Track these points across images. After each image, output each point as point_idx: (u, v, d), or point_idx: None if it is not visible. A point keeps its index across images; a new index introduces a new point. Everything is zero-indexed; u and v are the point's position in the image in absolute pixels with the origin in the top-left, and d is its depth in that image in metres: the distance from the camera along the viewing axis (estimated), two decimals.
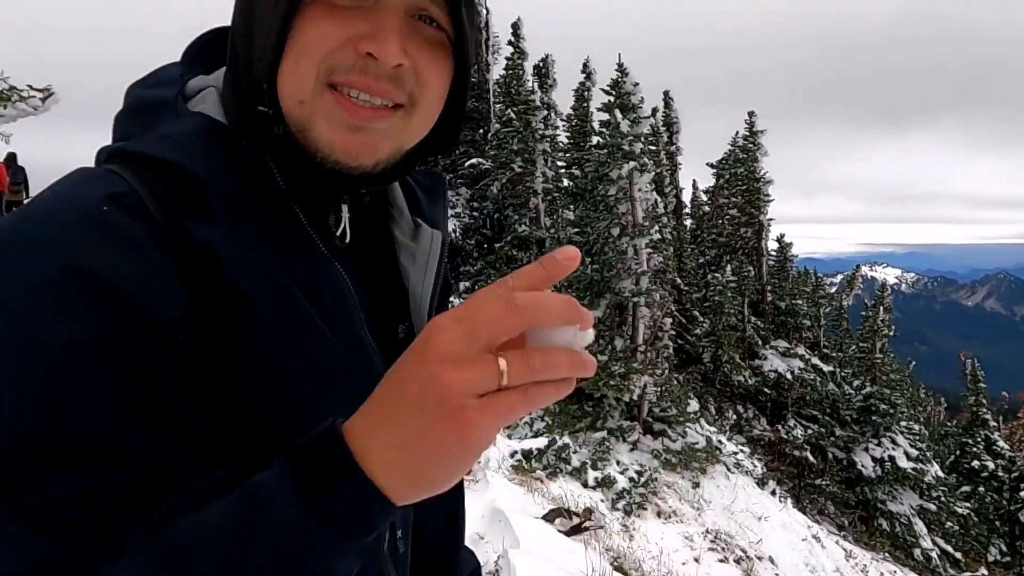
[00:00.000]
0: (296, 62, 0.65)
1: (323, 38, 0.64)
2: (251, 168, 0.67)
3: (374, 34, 0.64)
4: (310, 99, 0.66)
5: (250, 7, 0.69)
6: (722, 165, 24.19)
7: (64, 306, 0.54)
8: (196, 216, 0.63)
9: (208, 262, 0.62)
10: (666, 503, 9.59)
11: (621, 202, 10.85)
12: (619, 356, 10.76)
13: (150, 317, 0.57)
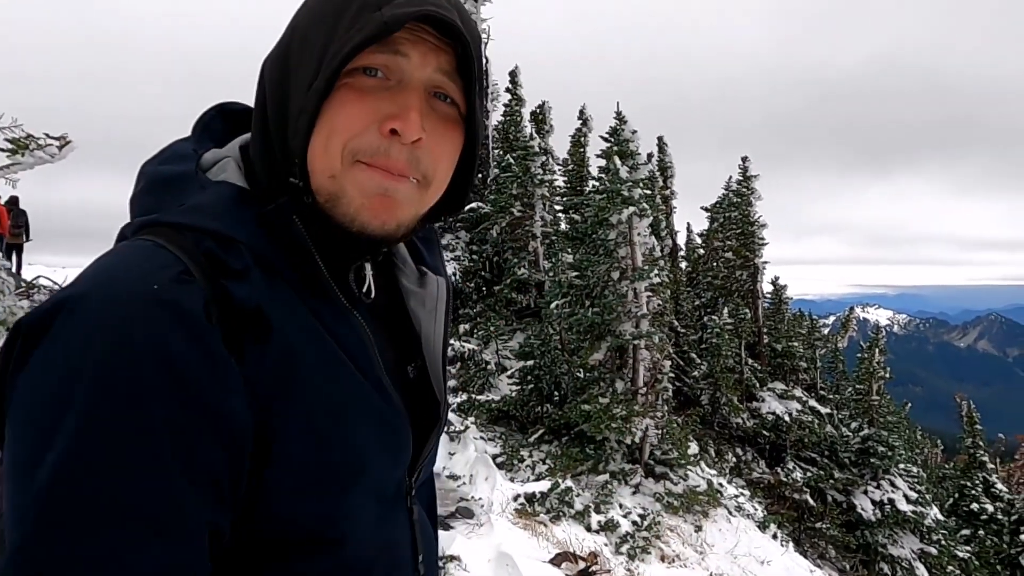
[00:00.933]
0: (327, 142, 0.72)
1: (351, 121, 0.72)
2: (279, 228, 0.74)
3: (398, 113, 0.72)
4: (340, 173, 0.73)
5: (285, 88, 0.75)
6: (716, 209, 24.51)
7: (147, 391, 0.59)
8: (238, 279, 0.70)
9: (257, 321, 0.69)
10: (669, 547, 9.54)
11: (621, 246, 11.01)
12: (620, 399, 10.80)
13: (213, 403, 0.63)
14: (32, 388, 0.60)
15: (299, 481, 0.70)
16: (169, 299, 0.63)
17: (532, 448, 11.35)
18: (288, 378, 0.70)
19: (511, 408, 12.50)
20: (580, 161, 21.36)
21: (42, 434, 0.57)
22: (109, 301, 0.62)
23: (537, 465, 10.87)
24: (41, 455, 0.57)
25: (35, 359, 0.60)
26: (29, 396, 0.60)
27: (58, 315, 0.61)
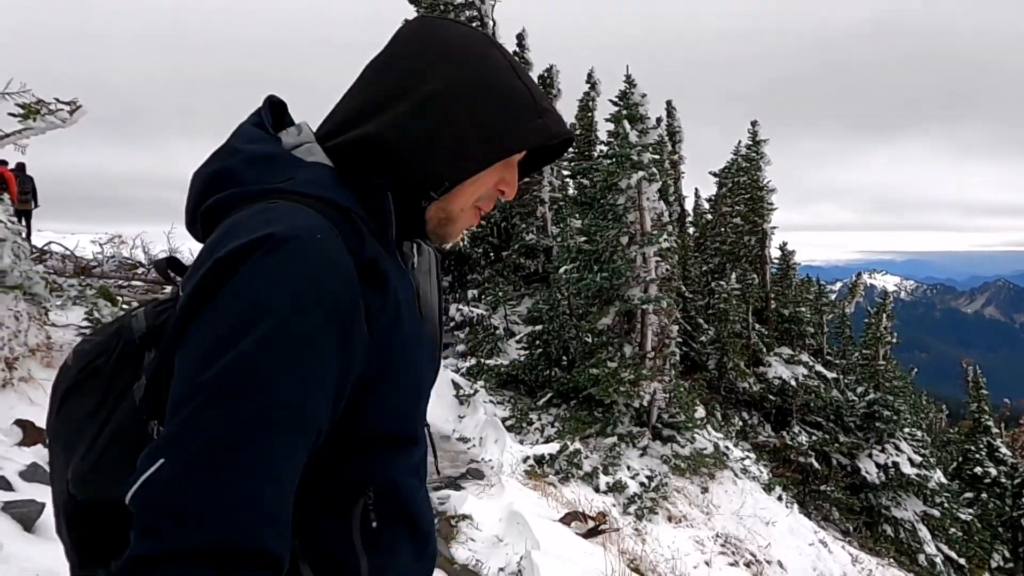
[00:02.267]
0: (473, 188, 0.98)
1: (488, 183, 1.00)
2: (374, 201, 0.93)
3: (510, 182, 1.03)
4: (462, 212, 1.01)
5: (443, 129, 0.93)
6: (724, 174, 24.33)
7: (318, 318, 0.78)
8: (361, 239, 0.88)
9: (377, 273, 0.88)
10: (676, 508, 9.68)
11: (630, 211, 10.97)
12: (628, 363, 10.86)
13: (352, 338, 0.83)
14: (227, 300, 0.76)
15: (401, 393, 0.92)
16: (330, 249, 0.81)
17: (541, 411, 11.46)
18: (396, 319, 0.89)
19: (520, 372, 12.60)
20: (588, 126, 21.13)
21: (242, 325, 0.74)
22: (293, 240, 0.79)
23: (546, 428, 11.00)
24: (233, 350, 0.73)
25: (234, 280, 0.77)
26: (226, 306, 0.76)
27: (257, 249, 0.77)
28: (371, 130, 0.94)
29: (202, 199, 0.90)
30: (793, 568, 10.31)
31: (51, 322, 8.32)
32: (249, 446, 0.72)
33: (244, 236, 0.78)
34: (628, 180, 10.67)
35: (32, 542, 3.42)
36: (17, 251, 6.43)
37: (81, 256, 12.29)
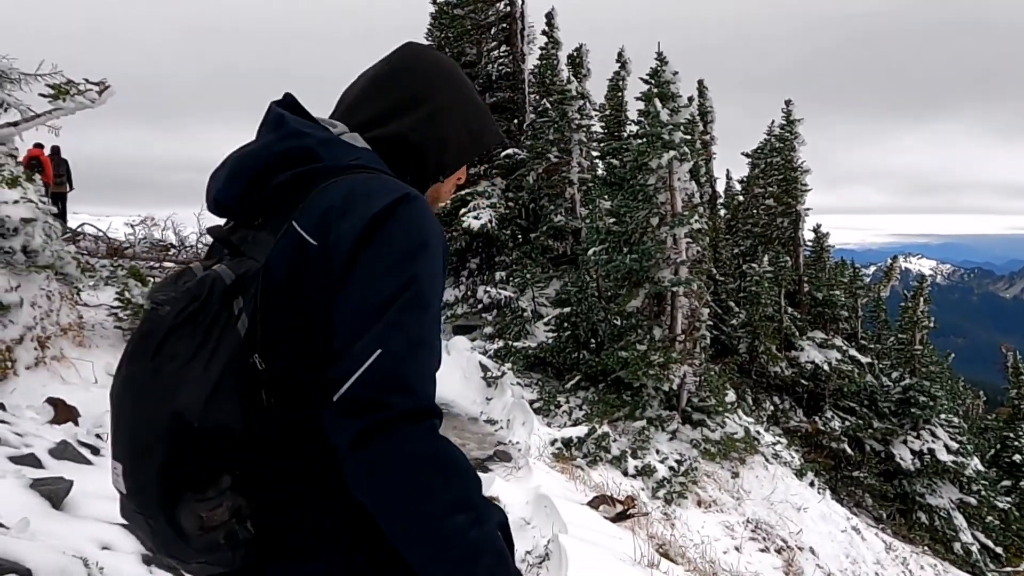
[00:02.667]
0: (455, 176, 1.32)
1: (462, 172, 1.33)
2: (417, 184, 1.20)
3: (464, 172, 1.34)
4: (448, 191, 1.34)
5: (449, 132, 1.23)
6: (757, 155, 23.88)
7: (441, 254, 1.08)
8: None
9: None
10: (706, 492, 9.56)
11: (660, 191, 10.77)
12: (658, 346, 10.71)
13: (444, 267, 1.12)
14: (396, 241, 1.02)
15: None
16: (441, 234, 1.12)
17: (569, 394, 11.38)
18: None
19: (548, 355, 12.52)
20: (618, 106, 20.83)
21: (400, 266, 1.00)
22: (418, 199, 1.08)
23: (574, 411, 10.92)
24: (402, 280, 0.99)
25: (394, 224, 1.03)
26: (394, 245, 1.02)
27: (404, 202, 1.04)
28: (396, 130, 1.19)
29: (273, 171, 1.09)
30: (825, 555, 10.15)
31: (83, 302, 8.42)
32: (430, 339, 1.00)
33: (387, 195, 1.05)
34: (659, 160, 10.47)
35: (60, 520, 3.43)
36: (48, 231, 6.47)
37: (113, 238, 12.42)
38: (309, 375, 1.01)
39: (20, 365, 5.84)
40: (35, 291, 6.26)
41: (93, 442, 4.91)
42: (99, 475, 4.22)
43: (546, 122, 15.98)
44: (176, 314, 0.99)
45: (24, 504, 3.36)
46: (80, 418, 5.60)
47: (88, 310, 8.03)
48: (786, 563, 8.70)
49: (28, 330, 5.98)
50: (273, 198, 1.08)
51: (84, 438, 4.85)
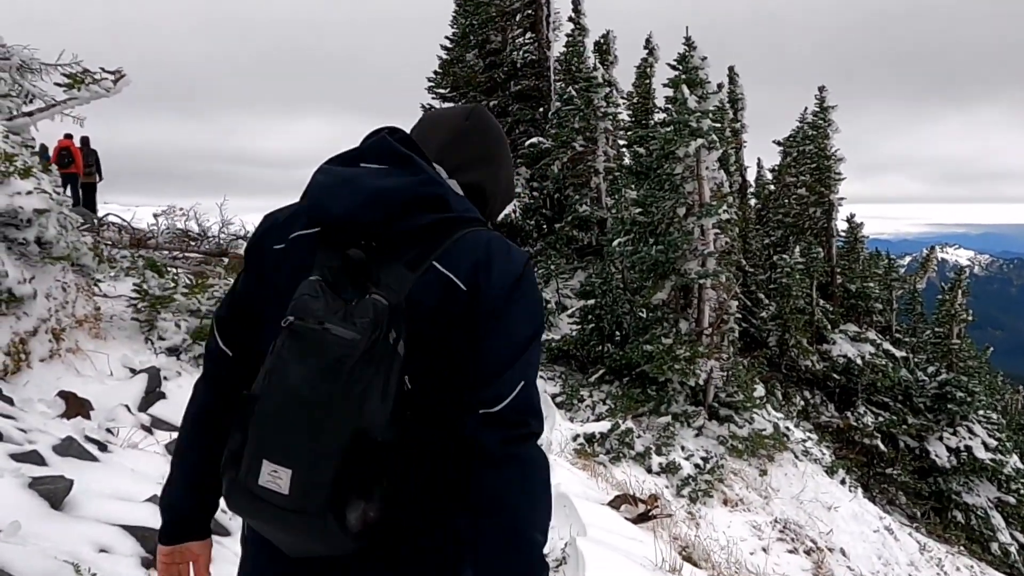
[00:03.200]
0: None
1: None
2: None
3: None
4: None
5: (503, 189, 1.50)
6: (789, 143, 23.36)
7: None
8: None
9: None
10: (732, 490, 9.32)
11: (687, 181, 10.49)
12: (684, 339, 10.47)
13: None
14: (531, 296, 1.28)
15: None
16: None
17: (592, 388, 11.18)
18: None
19: (571, 347, 12.33)
20: (646, 93, 20.45)
21: (534, 317, 1.28)
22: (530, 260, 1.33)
23: (597, 405, 10.72)
24: (535, 328, 1.28)
25: (528, 283, 1.28)
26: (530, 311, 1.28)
27: (528, 264, 1.29)
28: (475, 179, 1.42)
29: (411, 210, 1.24)
30: (856, 556, 9.86)
31: (102, 293, 8.41)
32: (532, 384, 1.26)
33: (519, 256, 1.29)
34: (686, 148, 10.18)
35: (57, 521, 3.34)
36: (64, 222, 6.43)
37: (138, 228, 12.45)
38: (443, 393, 1.24)
39: (34, 357, 5.79)
40: (50, 282, 6.22)
41: (103, 437, 4.84)
42: (104, 473, 4.15)
43: (571, 110, 15.71)
44: (369, 345, 1.14)
45: (20, 504, 3.26)
46: (92, 411, 5.55)
47: (106, 301, 8.02)
48: (815, 565, 8.44)
49: (42, 322, 5.93)
50: (415, 235, 1.24)
51: (93, 433, 4.78)
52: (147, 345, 7.26)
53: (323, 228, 1.27)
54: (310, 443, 1.13)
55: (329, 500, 1.11)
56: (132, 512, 3.72)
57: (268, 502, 1.14)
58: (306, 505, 1.12)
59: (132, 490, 4.03)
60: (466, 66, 18.31)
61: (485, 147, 1.46)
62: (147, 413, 6.03)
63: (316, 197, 1.28)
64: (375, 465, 1.14)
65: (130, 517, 3.65)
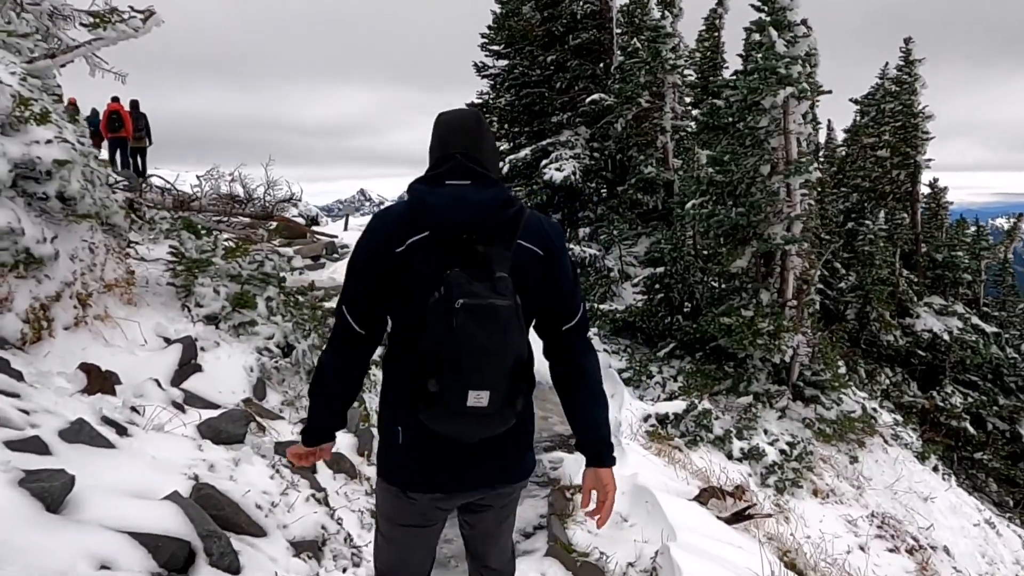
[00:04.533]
0: None
1: None
2: None
3: None
4: None
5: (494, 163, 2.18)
6: (868, 101, 21.83)
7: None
8: None
9: None
10: (822, 480, 8.46)
11: (773, 135, 9.49)
12: (765, 311, 9.55)
13: None
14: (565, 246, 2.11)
15: None
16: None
17: (662, 364, 10.37)
18: None
19: (637, 319, 11.50)
20: (715, 47, 19.24)
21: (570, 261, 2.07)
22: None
23: (668, 383, 9.92)
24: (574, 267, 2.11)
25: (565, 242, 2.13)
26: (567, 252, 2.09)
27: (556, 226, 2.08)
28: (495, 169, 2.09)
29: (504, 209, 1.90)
30: (959, 554, 8.92)
31: (138, 256, 7.93)
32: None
33: (557, 225, 2.06)
34: (773, 98, 9.16)
35: (51, 527, 2.75)
36: (90, 176, 5.87)
37: (182, 190, 12.01)
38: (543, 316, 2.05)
39: (57, 325, 5.27)
40: (75, 243, 5.69)
41: (125, 417, 4.28)
42: (118, 463, 3.56)
43: (636, 63, 14.65)
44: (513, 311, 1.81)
45: (5, 507, 2.68)
46: (119, 386, 5.02)
47: (142, 265, 7.52)
48: (920, 566, 7.56)
49: (67, 286, 5.41)
50: (504, 226, 1.89)
51: (114, 413, 4.21)
52: (183, 313, 6.74)
53: (431, 232, 1.87)
54: (496, 374, 1.82)
55: (507, 401, 1.85)
56: (146, 513, 3.11)
57: (473, 415, 1.83)
58: (498, 409, 1.85)
59: (150, 484, 3.43)
60: (522, 19, 17.32)
61: (492, 144, 2.10)
62: (180, 388, 5.48)
63: (437, 209, 1.89)
64: (524, 374, 1.87)
65: (143, 520, 3.05)
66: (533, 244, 1.93)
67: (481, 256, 1.83)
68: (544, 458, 6.88)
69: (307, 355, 7.09)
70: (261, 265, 7.26)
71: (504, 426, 1.90)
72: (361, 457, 6.12)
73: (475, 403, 1.78)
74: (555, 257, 1.96)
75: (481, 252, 1.83)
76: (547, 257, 1.95)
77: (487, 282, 1.79)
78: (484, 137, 2.05)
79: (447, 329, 1.75)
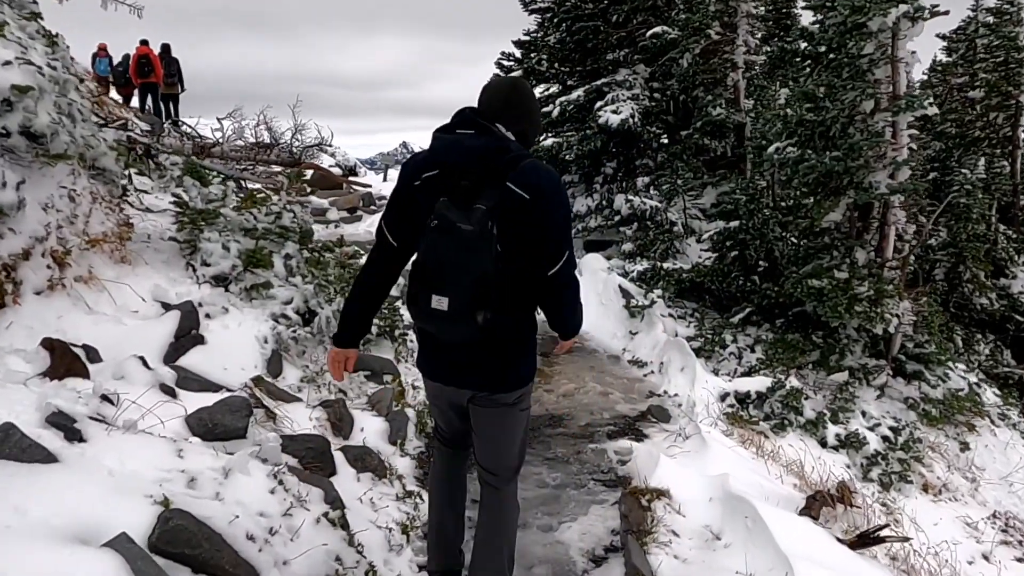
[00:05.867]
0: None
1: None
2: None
3: None
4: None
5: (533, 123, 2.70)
6: (958, 36, 19.87)
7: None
8: None
9: None
10: (933, 472, 7.34)
11: (879, 64, 8.14)
12: (862, 273, 8.34)
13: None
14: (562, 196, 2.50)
15: None
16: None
17: (736, 331, 9.25)
18: None
19: (706, 280, 10.35)
20: None
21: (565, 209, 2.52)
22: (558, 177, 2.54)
23: (743, 353, 8.82)
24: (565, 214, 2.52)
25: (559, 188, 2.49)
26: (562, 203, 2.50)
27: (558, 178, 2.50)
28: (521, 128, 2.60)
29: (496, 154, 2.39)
30: None
31: (144, 207, 7.08)
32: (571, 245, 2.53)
33: (553, 174, 2.48)
34: (883, 18, 7.80)
35: None
36: (68, 110, 4.96)
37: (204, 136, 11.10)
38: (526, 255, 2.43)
39: (26, 288, 4.43)
40: (50, 190, 4.81)
41: (93, 410, 3.39)
42: (62, 484, 2.68)
43: None
44: (479, 231, 2.29)
45: None
46: (98, 365, 4.15)
47: (147, 218, 6.67)
48: None
49: (38, 241, 4.54)
50: (496, 171, 2.37)
51: (76, 405, 3.31)
52: (188, 273, 5.87)
53: (440, 171, 2.44)
54: (455, 285, 2.33)
55: (465, 310, 2.33)
56: (75, 569, 2.24)
57: (436, 316, 2.37)
58: (457, 315, 2.34)
59: (98, 516, 2.53)
60: None
61: (523, 107, 2.61)
62: (174, 366, 4.60)
63: (438, 152, 2.47)
64: (488, 291, 2.32)
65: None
66: (521, 189, 2.36)
67: (464, 190, 2.36)
68: (608, 448, 5.91)
69: (331, 322, 6.19)
70: (279, 217, 6.34)
71: (468, 332, 2.38)
72: (393, 447, 5.23)
73: (436, 306, 2.35)
74: (540, 203, 2.38)
75: (464, 187, 2.37)
76: (532, 202, 2.36)
77: (463, 211, 2.32)
78: (511, 101, 2.58)
79: (424, 244, 2.38)
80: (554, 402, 7.19)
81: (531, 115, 2.63)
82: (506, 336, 2.54)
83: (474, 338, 2.41)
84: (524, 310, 2.59)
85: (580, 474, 5.32)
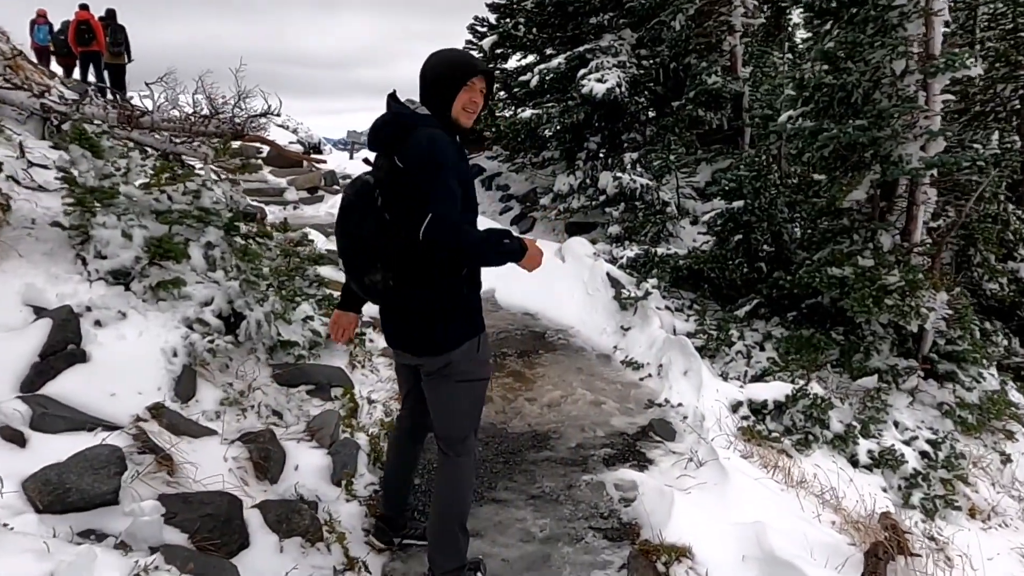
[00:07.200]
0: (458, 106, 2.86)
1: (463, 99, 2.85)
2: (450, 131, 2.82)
3: (476, 100, 2.89)
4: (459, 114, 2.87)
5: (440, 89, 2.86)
6: (959, 4, 18.98)
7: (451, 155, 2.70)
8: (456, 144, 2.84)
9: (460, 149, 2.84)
10: (978, 493, 6.42)
11: (911, 18, 7.15)
12: (888, 260, 7.39)
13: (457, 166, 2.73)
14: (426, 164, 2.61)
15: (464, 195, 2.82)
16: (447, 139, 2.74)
17: (742, 326, 8.28)
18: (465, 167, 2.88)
19: (705, 267, 9.36)
20: None
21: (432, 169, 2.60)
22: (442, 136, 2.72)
23: (752, 352, 7.85)
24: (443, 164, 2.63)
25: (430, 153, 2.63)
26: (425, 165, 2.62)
27: (437, 140, 2.66)
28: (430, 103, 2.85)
29: (385, 127, 2.77)
30: None
31: (36, 184, 5.89)
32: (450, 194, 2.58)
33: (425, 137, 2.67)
34: None
35: None
36: None
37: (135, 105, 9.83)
38: (408, 218, 2.59)
39: None
40: None
41: None
42: None
43: None
44: (357, 201, 2.74)
45: None
46: None
47: (36, 198, 5.50)
48: None
49: None
50: (390, 141, 2.75)
51: None
52: (77, 267, 4.72)
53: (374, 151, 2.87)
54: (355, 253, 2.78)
55: (359, 271, 2.77)
56: None
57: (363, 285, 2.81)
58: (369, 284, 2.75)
59: None
60: None
61: (426, 78, 2.84)
62: (34, 396, 3.51)
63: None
64: (376, 256, 2.70)
65: None
66: (397, 157, 2.70)
67: (372, 164, 2.87)
68: (607, 480, 4.87)
69: (262, 327, 5.08)
70: (197, 196, 5.20)
71: (377, 298, 2.85)
72: (337, 488, 4.16)
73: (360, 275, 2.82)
74: (408, 169, 2.65)
75: (371, 162, 2.89)
76: (403, 169, 2.67)
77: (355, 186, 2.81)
78: (423, 74, 2.87)
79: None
80: (537, 415, 6.15)
81: (435, 84, 2.83)
82: (418, 302, 2.80)
83: (387, 303, 2.93)
84: (436, 277, 2.76)
85: (574, 520, 4.28)
